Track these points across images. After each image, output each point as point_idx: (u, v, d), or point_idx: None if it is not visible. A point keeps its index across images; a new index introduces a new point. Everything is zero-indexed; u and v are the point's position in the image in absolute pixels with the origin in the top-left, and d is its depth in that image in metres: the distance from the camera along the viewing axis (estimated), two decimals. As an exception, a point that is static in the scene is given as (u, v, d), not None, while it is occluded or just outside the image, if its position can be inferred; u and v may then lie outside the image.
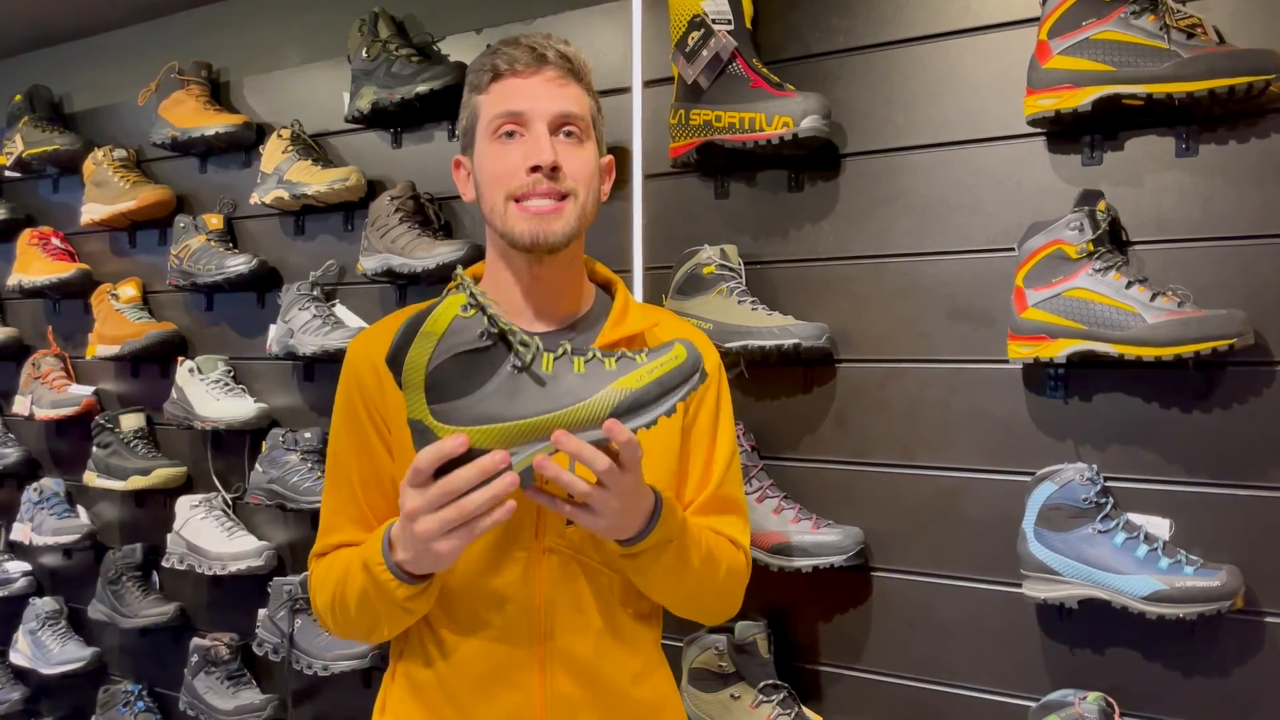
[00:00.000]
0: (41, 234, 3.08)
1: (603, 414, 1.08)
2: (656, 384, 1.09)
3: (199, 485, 2.81)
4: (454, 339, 1.07)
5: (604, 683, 1.33)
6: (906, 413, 1.87)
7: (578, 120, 1.31)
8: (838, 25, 1.94)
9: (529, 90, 1.29)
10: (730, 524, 1.40)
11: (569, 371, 1.09)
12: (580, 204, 1.31)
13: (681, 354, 1.11)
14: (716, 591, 1.37)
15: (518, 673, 1.30)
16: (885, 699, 1.89)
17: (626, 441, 1.08)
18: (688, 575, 1.28)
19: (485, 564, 1.29)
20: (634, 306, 1.42)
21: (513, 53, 1.30)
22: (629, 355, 1.11)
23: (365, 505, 1.35)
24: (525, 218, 1.28)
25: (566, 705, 1.31)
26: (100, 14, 3.00)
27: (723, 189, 2.05)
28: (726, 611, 1.42)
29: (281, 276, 2.66)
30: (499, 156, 1.29)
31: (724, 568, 1.34)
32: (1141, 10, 1.59)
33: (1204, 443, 1.62)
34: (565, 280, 1.37)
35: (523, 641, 1.30)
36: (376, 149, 2.52)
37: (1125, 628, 1.65)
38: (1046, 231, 1.64)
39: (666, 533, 1.21)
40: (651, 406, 1.09)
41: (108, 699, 2.92)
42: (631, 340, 1.37)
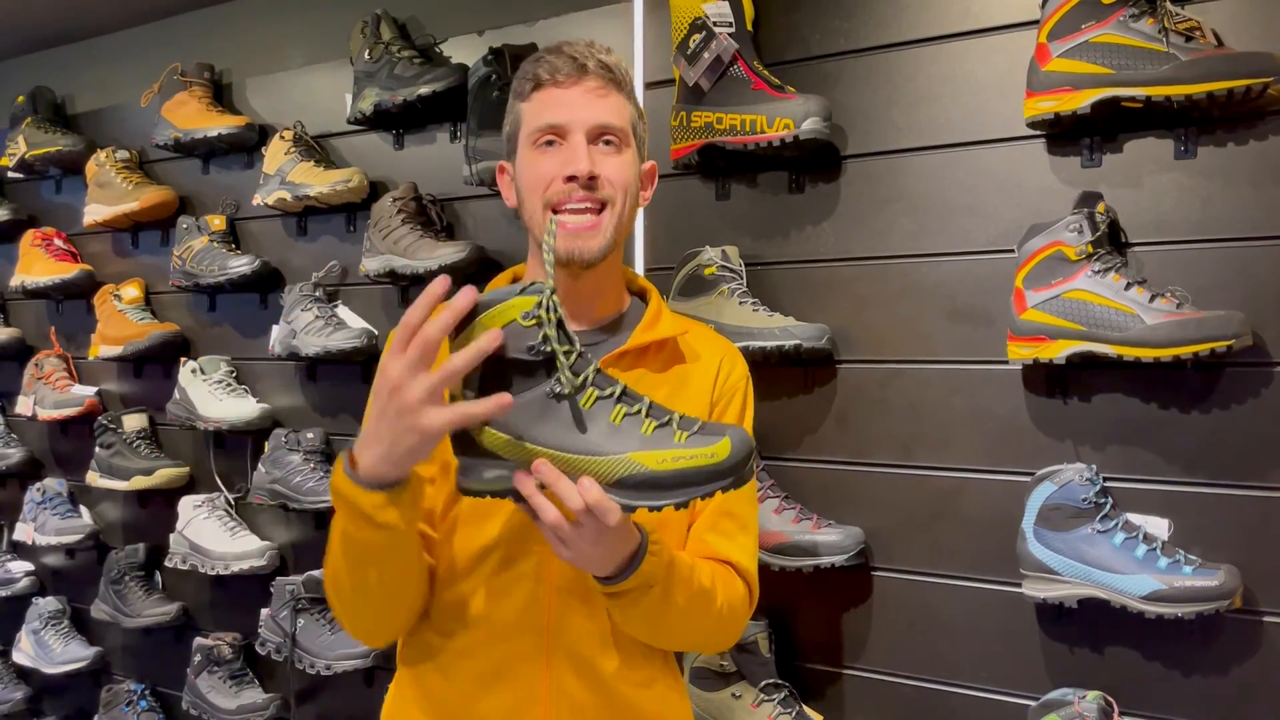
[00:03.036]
0: (44, 235, 3.09)
1: (610, 478, 1.04)
2: (676, 474, 1.03)
3: (201, 485, 2.81)
4: (508, 341, 1.04)
5: (609, 685, 1.32)
6: (907, 413, 1.88)
7: (616, 130, 1.32)
8: (838, 27, 1.94)
9: (569, 101, 1.30)
10: (736, 545, 1.36)
11: (604, 417, 1.05)
12: (617, 213, 1.32)
13: (722, 453, 1.03)
14: (707, 629, 1.33)
15: (524, 666, 1.30)
16: (886, 698, 1.90)
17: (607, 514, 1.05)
18: (673, 616, 1.24)
19: (500, 558, 1.29)
20: (667, 314, 1.42)
21: (555, 61, 1.31)
22: (676, 426, 1.06)
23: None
24: (562, 235, 1.27)
25: (570, 704, 1.30)
26: (103, 15, 3.00)
27: (724, 190, 2.06)
28: (720, 646, 1.38)
29: (284, 277, 2.67)
30: (537, 164, 1.31)
31: (719, 603, 1.29)
32: (1140, 13, 1.59)
33: (1203, 443, 1.63)
34: (601, 289, 1.39)
35: (531, 637, 1.30)
36: (379, 150, 2.52)
37: (1124, 627, 1.65)
38: (1046, 233, 1.65)
39: (648, 578, 1.18)
40: (664, 493, 1.04)
41: (110, 698, 2.93)
42: (662, 345, 1.37)
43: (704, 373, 1.40)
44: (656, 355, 1.38)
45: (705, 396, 1.39)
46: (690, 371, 1.39)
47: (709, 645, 1.38)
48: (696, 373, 1.40)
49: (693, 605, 1.25)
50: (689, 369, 1.39)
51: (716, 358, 1.42)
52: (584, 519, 1.06)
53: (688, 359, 1.40)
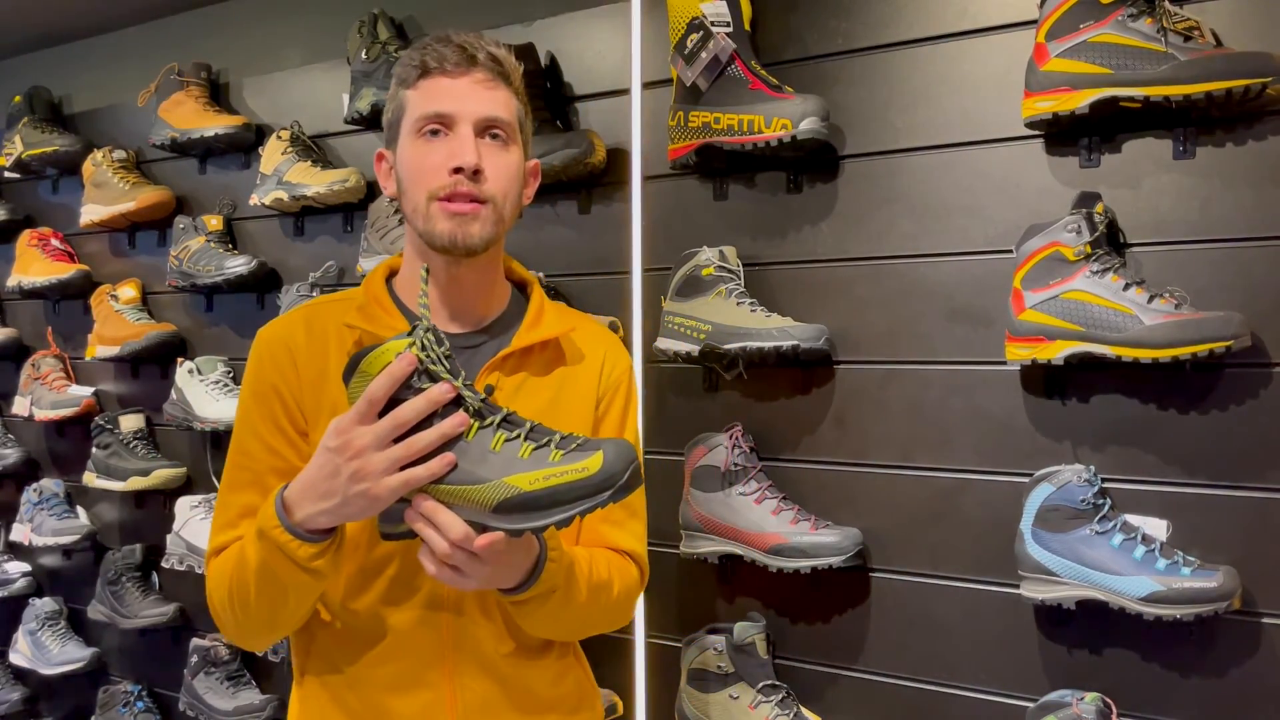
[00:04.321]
0: (41, 235, 3.09)
1: (489, 504, 1.06)
2: (548, 492, 1.04)
3: (199, 486, 2.81)
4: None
5: (511, 677, 1.34)
6: (905, 414, 1.88)
7: (504, 125, 1.30)
8: (836, 27, 1.94)
9: (456, 91, 1.28)
10: (629, 531, 1.40)
11: (485, 446, 1.07)
12: (498, 210, 1.30)
13: (593, 466, 1.04)
14: (603, 617, 1.37)
15: (428, 671, 1.31)
16: (884, 699, 1.89)
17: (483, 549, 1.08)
18: (573, 613, 1.28)
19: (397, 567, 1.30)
20: (549, 310, 1.41)
21: (443, 51, 1.29)
22: (552, 446, 1.07)
23: None
24: (445, 217, 1.27)
25: (477, 700, 1.32)
26: (100, 15, 3.00)
27: (722, 191, 2.06)
28: (613, 628, 1.42)
29: (281, 277, 2.67)
30: (422, 154, 1.28)
31: (615, 590, 1.34)
32: (1139, 13, 1.59)
33: (1201, 444, 1.63)
34: (482, 282, 1.37)
35: (432, 641, 1.31)
36: (375, 150, 2.51)
37: (1123, 628, 1.65)
38: (1044, 233, 1.65)
39: (550, 584, 1.21)
40: (541, 513, 1.05)
41: (107, 699, 2.92)
42: (545, 345, 1.37)
43: (587, 372, 1.39)
44: (540, 355, 1.37)
45: (590, 395, 1.39)
46: (574, 373, 1.39)
47: (604, 629, 1.41)
48: (580, 373, 1.39)
49: (592, 599, 1.29)
50: (573, 370, 1.39)
51: (600, 355, 1.42)
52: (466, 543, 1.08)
53: (570, 359, 1.39)
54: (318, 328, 1.34)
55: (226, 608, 1.28)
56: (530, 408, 1.24)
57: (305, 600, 1.26)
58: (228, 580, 1.26)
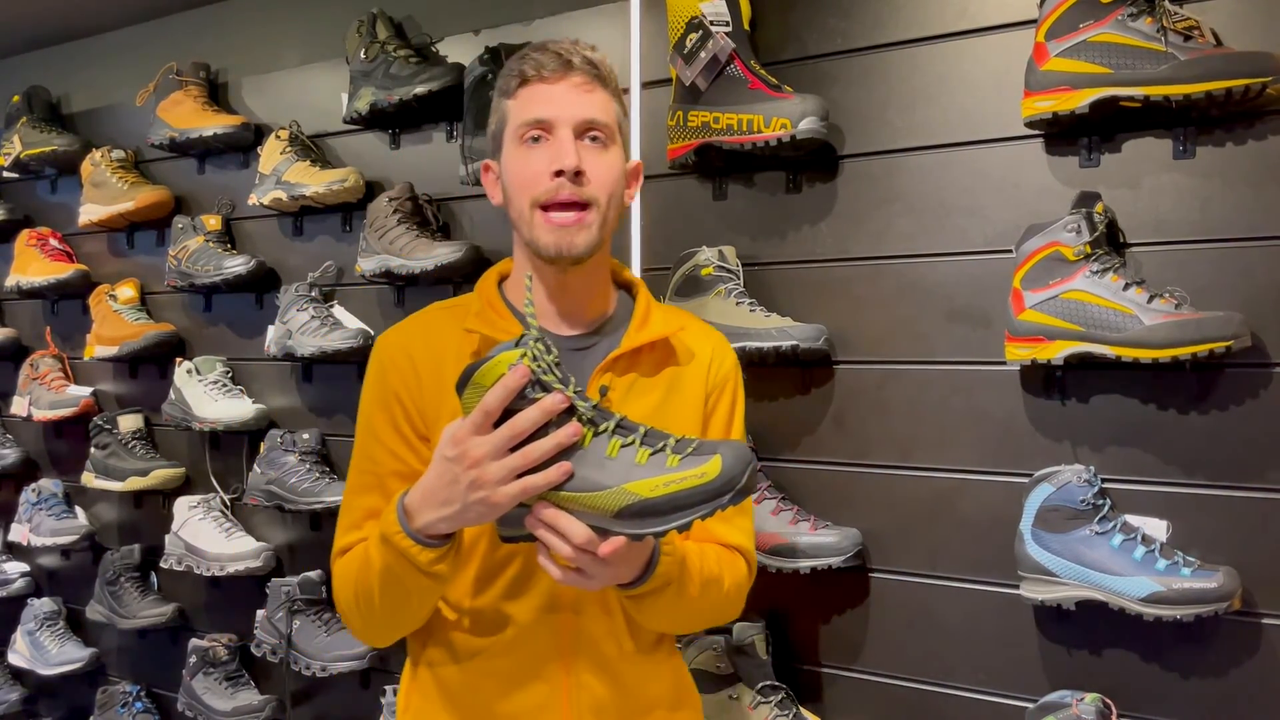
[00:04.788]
0: (40, 235, 3.08)
1: (611, 511, 1.08)
2: (668, 499, 1.06)
3: (197, 486, 2.81)
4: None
5: (625, 677, 1.36)
6: (904, 414, 1.87)
7: (602, 126, 1.32)
8: (835, 27, 1.94)
9: (555, 96, 1.30)
10: (735, 527, 1.40)
11: (600, 452, 1.09)
12: (602, 212, 1.32)
13: (712, 472, 1.06)
14: (716, 610, 1.39)
15: (545, 666, 1.33)
16: (883, 700, 1.89)
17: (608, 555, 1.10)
18: (687, 605, 1.30)
19: (519, 563, 1.32)
20: (656, 311, 1.43)
21: (540, 58, 1.31)
22: (668, 451, 1.08)
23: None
24: (550, 229, 1.29)
25: (590, 699, 1.34)
26: (99, 15, 2.99)
27: (721, 190, 2.05)
28: (726, 620, 1.45)
29: (280, 277, 2.66)
30: (525, 161, 1.30)
31: (726, 584, 1.35)
32: (1139, 12, 1.59)
33: (1201, 444, 1.63)
34: (590, 286, 1.39)
35: (551, 637, 1.33)
36: (375, 150, 2.52)
37: (1123, 629, 1.65)
38: (1044, 233, 1.65)
39: (664, 578, 1.23)
40: (663, 519, 1.07)
41: (106, 700, 2.92)
42: (654, 346, 1.38)
43: (695, 370, 1.41)
44: (649, 356, 1.39)
45: (699, 393, 1.40)
46: (683, 372, 1.40)
47: (718, 622, 1.45)
48: (688, 372, 1.40)
49: (704, 593, 1.31)
50: (681, 369, 1.40)
51: (707, 352, 1.44)
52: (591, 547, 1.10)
53: (680, 359, 1.41)
54: (435, 334, 1.38)
55: (353, 608, 1.32)
56: (641, 408, 1.29)
57: (427, 602, 1.30)
58: (353, 582, 1.30)
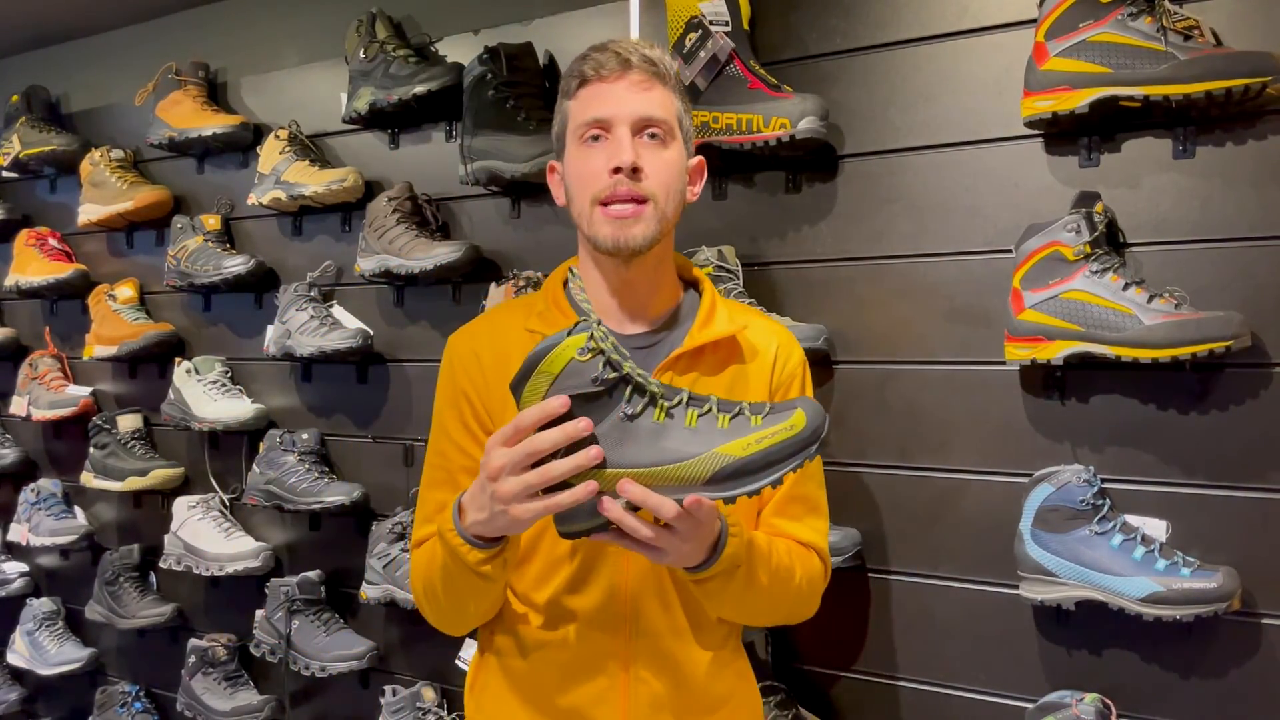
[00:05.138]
0: (39, 234, 3.08)
1: (703, 478, 1.08)
2: (762, 455, 1.07)
3: (196, 486, 2.81)
4: (569, 381, 1.08)
5: (684, 673, 1.37)
6: (904, 414, 1.87)
7: (660, 123, 1.33)
8: (835, 27, 1.94)
9: (613, 95, 1.32)
10: (807, 526, 1.41)
11: (679, 424, 1.09)
12: (660, 208, 1.33)
13: (799, 424, 1.08)
14: (789, 603, 1.38)
15: (606, 661, 1.35)
16: (883, 700, 1.89)
17: (707, 511, 1.11)
18: (757, 594, 1.29)
19: (581, 560, 1.34)
20: (721, 308, 1.43)
21: (599, 58, 1.33)
22: (746, 414, 1.09)
23: None
24: (607, 222, 1.31)
25: (649, 693, 1.35)
26: (98, 14, 2.99)
27: (720, 190, 2.05)
28: (801, 617, 1.44)
29: (279, 277, 2.66)
30: (584, 160, 1.33)
31: (798, 578, 1.35)
32: (1139, 12, 1.59)
33: (1201, 444, 1.63)
34: (654, 282, 1.40)
35: (610, 632, 1.34)
36: (374, 150, 2.52)
37: (1122, 629, 1.65)
38: (1044, 233, 1.64)
39: (733, 559, 1.22)
40: (757, 476, 1.08)
41: (105, 700, 2.92)
42: (718, 345, 1.38)
43: (760, 369, 1.41)
44: (713, 355, 1.39)
45: (763, 392, 1.41)
46: (747, 371, 1.40)
47: (792, 618, 1.44)
48: (753, 370, 1.40)
49: (775, 581, 1.31)
50: (745, 368, 1.40)
51: (771, 350, 1.44)
52: (676, 523, 1.10)
53: (745, 356, 1.41)
54: (501, 332, 1.40)
55: (424, 598, 1.37)
56: None
57: (483, 599, 1.32)
58: (423, 575, 1.34)
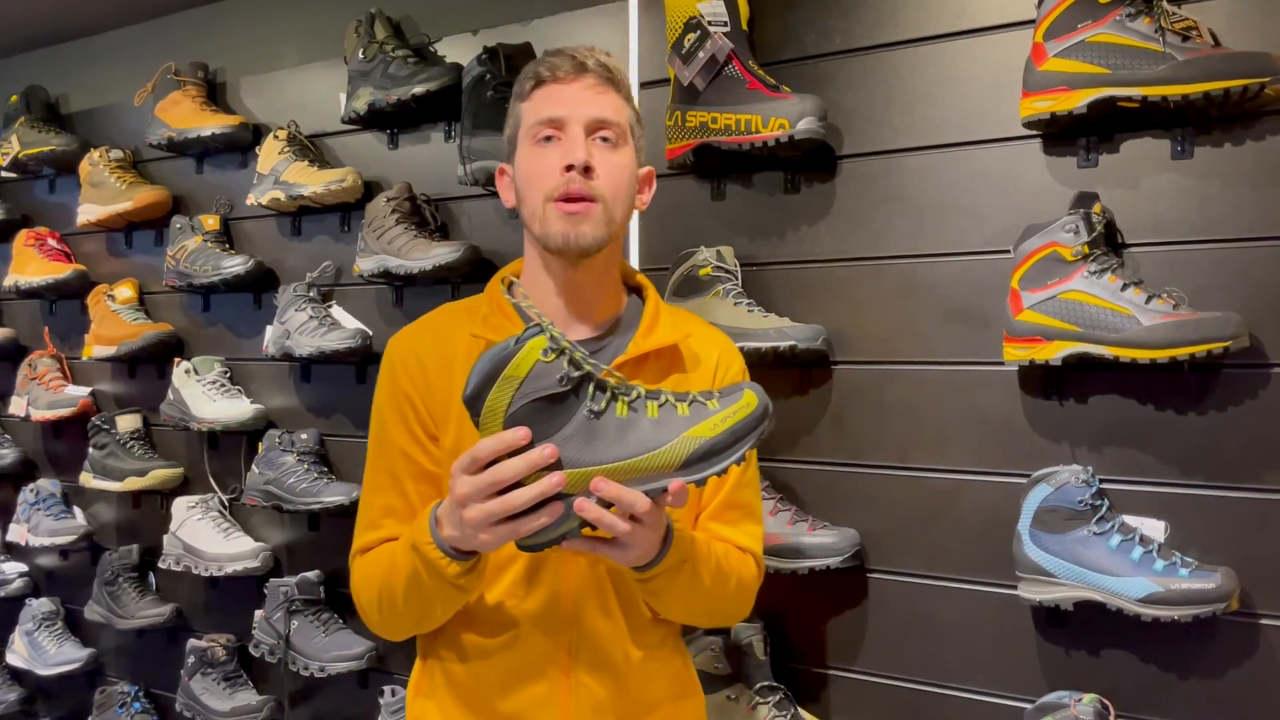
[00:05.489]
0: (38, 235, 3.08)
1: (676, 463, 1.10)
2: (729, 433, 1.11)
3: (195, 486, 2.80)
4: (535, 384, 1.08)
5: (625, 678, 1.38)
6: (903, 414, 1.87)
7: (613, 126, 1.35)
8: (834, 27, 1.94)
9: (568, 95, 1.33)
10: (743, 531, 1.42)
11: (643, 416, 1.11)
12: (609, 210, 1.34)
13: (753, 402, 1.13)
14: (726, 603, 1.40)
15: (547, 667, 1.35)
16: (881, 700, 1.89)
17: (681, 496, 1.11)
18: (698, 592, 1.31)
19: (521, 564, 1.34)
20: (664, 315, 1.44)
21: (555, 61, 1.35)
22: (700, 400, 1.13)
23: (415, 499, 1.37)
24: (559, 218, 1.32)
25: (590, 698, 1.36)
26: (97, 14, 2.99)
27: (719, 190, 2.05)
28: (736, 619, 1.47)
29: (278, 277, 2.66)
30: (537, 159, 1.33)
31: (734, 579, 1.37)
32: (1137, 13, 1.59)
33: (1200, 445, 1.62)
34: (599, 285, 1.41)
35: (552, 638, 1.35)
36: (373, 150, 2.52)
37: (1121, 630, 1.65)
38: (1042, 234, 1.64)
39: (680, 554, 1.24)
40: (723, 455, 1.11)
41: (104, 700, 2.92)
42: (661, 352, 1.39)
43: (702, 377, 1.42)
44: (656, 363, 1.39)
45: None
46: (688, 379, 1.41)
47: (729, 618, 1.48)
48: (694, 380, 1.41)
49: (715, 581, 1.33)
50: (687, 376, 1.41)
51: (714, 359, 1.45)
52: (645, 517, 1.12)
53: (687, 365, 1.42)
54: (445, 336, 1.40)
55: (375, 607, 1.35)
56: None
57: (451, 609, 1.32)
58: (377, 584, 1.33)
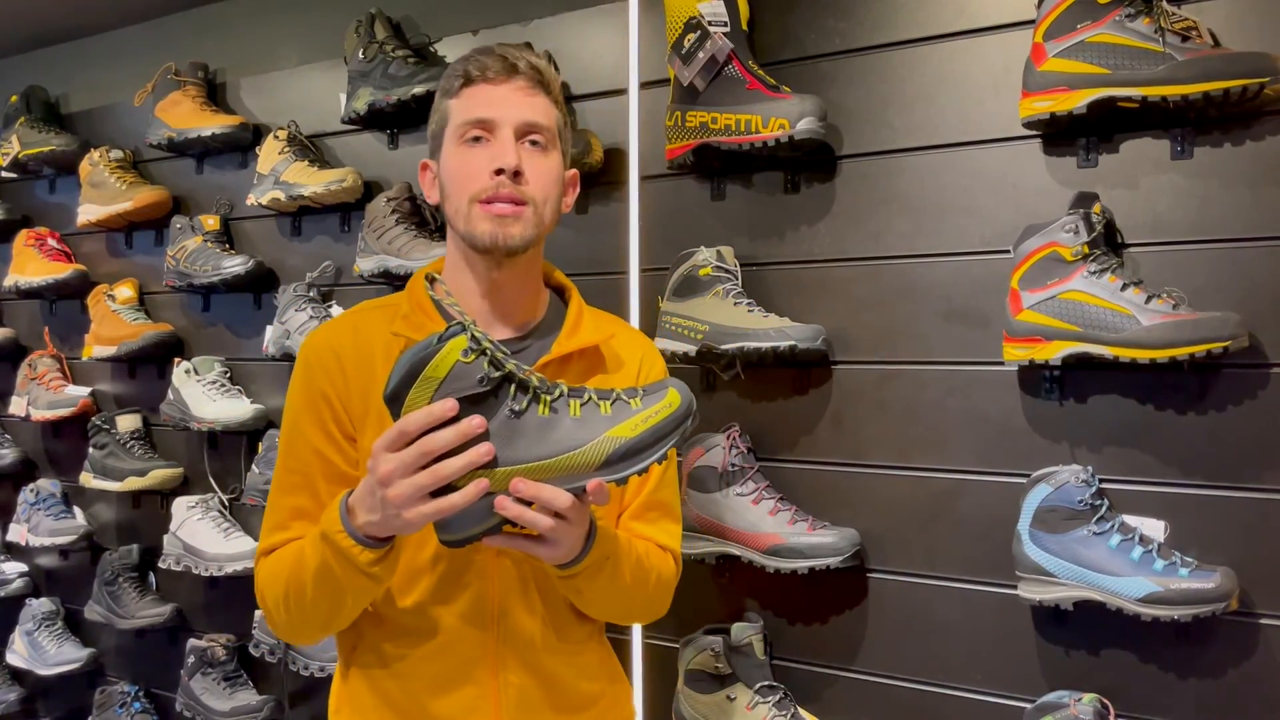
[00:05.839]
0: (38, 235, 3.08)
1: (597, 462, 1.10)
2: (650, 432, 1.11)
3: (195, 486, 2.80)
4: (455, 384, 1.08)
5: (552, 675, 1.37)
6: (902, 414, 1.87)
7: (543, 130, 1.34)
8: (834, 27, 1.94)
9: (498, 97, 1.32)
10: (662, 530, 1.43)
11: (565, 415, 1.11)
12: (539, 213, 1.33)
13: (675, 401, 1.12)
14: (646, 600, 1.40)
15: (474, 669, 1.34)
16: (881, 700, 1.89)
17: (600, 494, 1.11)
18: (620, 589, 1.31)
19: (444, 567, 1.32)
20: (587, 316, 1.44)
21: (485, 60, 1.33)
22: (624, 399, 1.13)
23: (326, 499, 1.32)
24: (486, 218, 1.31)
25: (518, 696, 1.35)
26: (97, 15, 2.99)
27: (719, 191, 2.05)
28: (654, 616, 1.45)
29: (278, 277, 2.66)
30: (465, 159, 1.32)
31: (654, 576, 1.37)
32: (1137, 13, 1.59)
33: (1199, 445, 1.63)
34: (523, 285, 1.40)
35: (479, 640, 1.34)
36: (373, 150, 2.52)
37: (1120, 629, 1.65)
38: (1042, 234, 1.65)
39: (603, 551, 1.24)
40: (644, 454, 1.11)
41: (104, 700, 2.92)
42: (584, 353, 1.39)
43: (625, 379, 1.43)
44: (579, 363, 1.39)
45: None
46: (611, 380, 1.41)
47: (649, 615, 1.46)
48: (617, 381, 1.41)
49: (636, 579, 1.33)
50: (610, 377, 1.41)
51: (636, 360, 1.45)
52: (569, 513, 1.11)
53: (608, 366, 1.42)
54: (364, 334, 1.38)
55: (280, 606, 1.31)
56: None
57: (361, 602, 1.29)
58: (283, 580, 1.29)
